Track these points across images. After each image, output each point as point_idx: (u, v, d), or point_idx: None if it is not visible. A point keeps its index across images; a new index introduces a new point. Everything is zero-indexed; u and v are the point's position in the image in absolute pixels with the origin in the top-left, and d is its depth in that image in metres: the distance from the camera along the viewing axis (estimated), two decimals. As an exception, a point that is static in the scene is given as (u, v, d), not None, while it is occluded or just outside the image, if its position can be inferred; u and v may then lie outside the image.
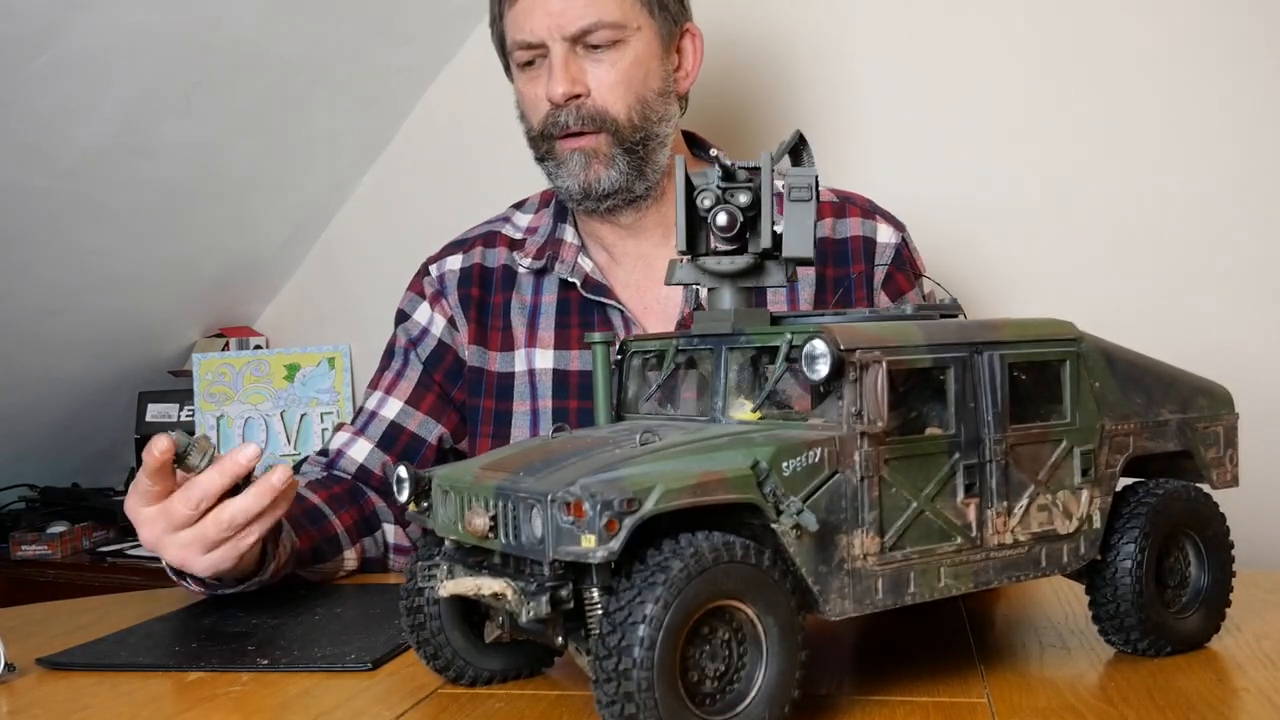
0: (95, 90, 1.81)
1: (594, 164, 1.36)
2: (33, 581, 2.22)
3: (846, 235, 1.43)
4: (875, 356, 0.74)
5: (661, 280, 1.44)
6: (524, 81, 1.40)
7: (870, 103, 1.99)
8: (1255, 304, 1.78)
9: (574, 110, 1.35)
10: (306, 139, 2.22)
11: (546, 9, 1.33)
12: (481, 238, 1.51)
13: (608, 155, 1.36)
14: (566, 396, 1.42)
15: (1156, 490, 0.89)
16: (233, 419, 2.35)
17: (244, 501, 1.07)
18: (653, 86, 1.38)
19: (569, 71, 1.34)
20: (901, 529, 0.76)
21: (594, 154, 1.36)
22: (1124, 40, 1.83)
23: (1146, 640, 0.87)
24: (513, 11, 1.37)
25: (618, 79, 1.35)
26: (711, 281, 0.85)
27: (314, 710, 0.84)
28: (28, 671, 0.98)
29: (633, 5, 1.36)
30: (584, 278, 1.43)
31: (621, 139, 1.36)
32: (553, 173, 1.41)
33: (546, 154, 1.40)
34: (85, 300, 2.19)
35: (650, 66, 1.38)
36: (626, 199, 1.40)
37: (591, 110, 1.35)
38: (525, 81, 1.39)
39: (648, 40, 1.37)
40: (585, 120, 1.35)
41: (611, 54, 1.35)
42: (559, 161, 1.38)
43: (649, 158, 1.39)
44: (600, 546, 0.66)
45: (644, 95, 1.37)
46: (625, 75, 1.35)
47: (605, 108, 1.35)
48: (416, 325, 1.49)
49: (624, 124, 1.36)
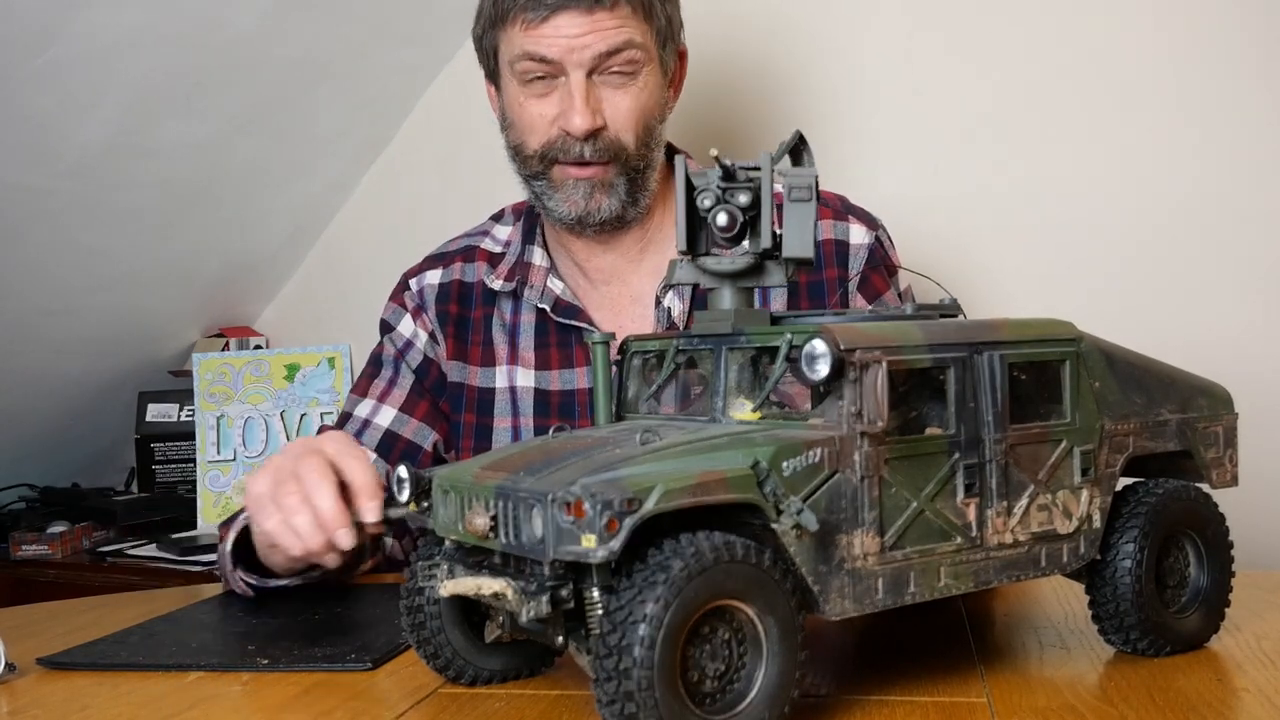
0: (95, 90, 1.81)
1: (597, 193, 1.35)
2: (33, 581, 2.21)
3: (818, 239, 1.40)
4: (875, 356, 0.74)
5: (635, 298, 1.44)
6: (525, 97, 1.34)
7: (870, 103, 1.99)
8: (1255, 303, 1.78)
9: (591, 142, 1.32)
10: (306, 139, 2.22)
11: (572, 30, 1.28)
12: (460, 253, 1.50)
13: (611, 184, 1.35)
14: (548, 415, 1.41)
15: (1156, 490, 0.89)
16: (233, 419, 2.35)
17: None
18: (656, 114, 1.38)
19: (590, 103, 1.30)
20: (901, 529, 0.76)
21: (600, 184, 1.35)
22: (1123, 41, 1.83)
23: (1146, 640, 0.87)
24: (531, 25, 1.30)
25: (631, 110, 1.33)
26: (711, 281, 0.85)
27: (314, 710, 0.84)
28: (28, 671, 0.98)
29: (647, 31, 1.34)
30: (554, 301, 1.42)
31: (627, 168, 1.35)
32: (544, 194, 1.37)
33: (540, 174, 1.36)
34: (85, 300, 2.19)
35: (657, 95, 1.37)
36: (617, 224, 1.39)
37: (606, 143, 1.33)
38: (527, 97, 1.34)
39: (655, 68, 1.36)
40: (599, 152, 1.33)
41: (627, 84, 1.32)
42: (555, 185, 1.36)
43: (645, 184, 1.38)
44: (601, 546, 0.66)
45: (650, 124, 1.36)
46: (640, 106, 1.34)
47: (619, 139, 1.33)
48: (401, 337, 1.48)
49: (632, 154, 1.35)
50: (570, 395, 1.41)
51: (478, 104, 1.47)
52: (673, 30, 1.39)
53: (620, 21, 1.30)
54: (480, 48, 1.41)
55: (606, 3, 1.28)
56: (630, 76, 1.32)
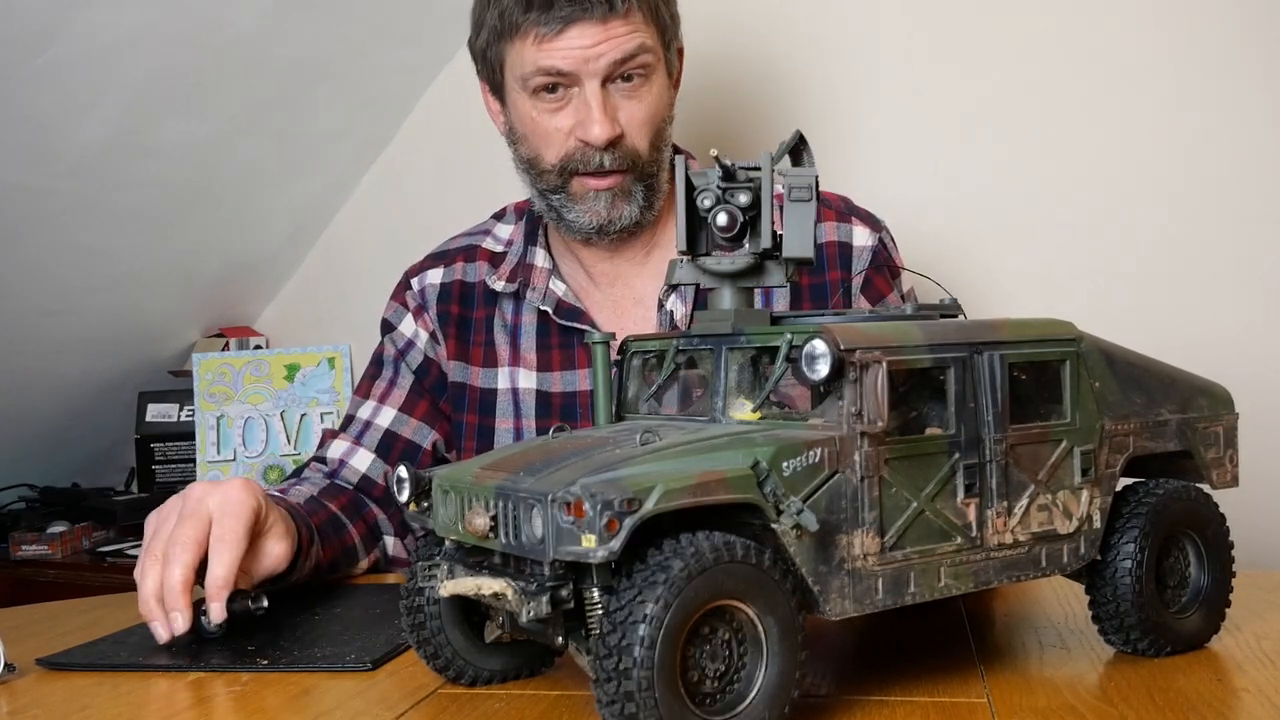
0: (95, 90, 1.81)
1: (618, 202, 1.35)
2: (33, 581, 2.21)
3: (821, 241, 1.40)
4: (875, 356, 0.74)
5: (638, 300, 1.44)
6: (539, 111, 1.33)
7: (870, 103, 1.99)
8: (1255, 303, 1.78)
9: (610, 151, 1.32)
10: (306, 139, 2.22)
11: (586, 41, 1.28)
12: (462, 251, 1.50)
13: (629, 191, 1.35)
14: (550, 416, 1.41)
15: (1156, 490, 0.89)
16: (233, 419, 2.35)
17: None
18: (666, 116, 1.38)
19: (608, 112, 1.30)
20: (901, 529, 0.76)
21: (619, 192, 1.35)
22: (1124, 41, 1.83)
23: (1146, 640, 0.87)
24: (544, 39, 1.28)
25: (645, 115, 1.33)
26: (711, 281, 0.85)
27: (314, 710, 0.84)
28: (28, 671, 0.98)
29: (654, 34, 1.34)
30: (556, 303, 1.42)
31: (643, 174, 1.36)
32: (563, 206, 1.37)
33: (559, 188, 1.36)
34: (85, 300, 2.19)
35: (665, 96, 1.37)
36: (634, 231, 1.39)
37: (624, 150, 1.33)
38: (541, 111, 1.33)
39: (662, 70, 1.36)
40: (618, 160, 1.33)
41: (640, 90, 1.33)
42: (575, 198, 1.35)
43: (658, 187, 1.38)
44: (600, 546, 0.66)
45: (660, 127, 1.37)
46: (652, 111, 1.34)
47: (636, 146, 1.34)
48: (402, 336, 1.48)
49: (646, 159, 1.35)
50: (572, 397, 1.41)
51: (478, 104, 1.47)
52: (674, 29, 1.40)
53: (632, 28, 1.30)
54: (484, 60, 1.38)
55: (620, 10, 1.28)
56: (642, 82, 1.32)
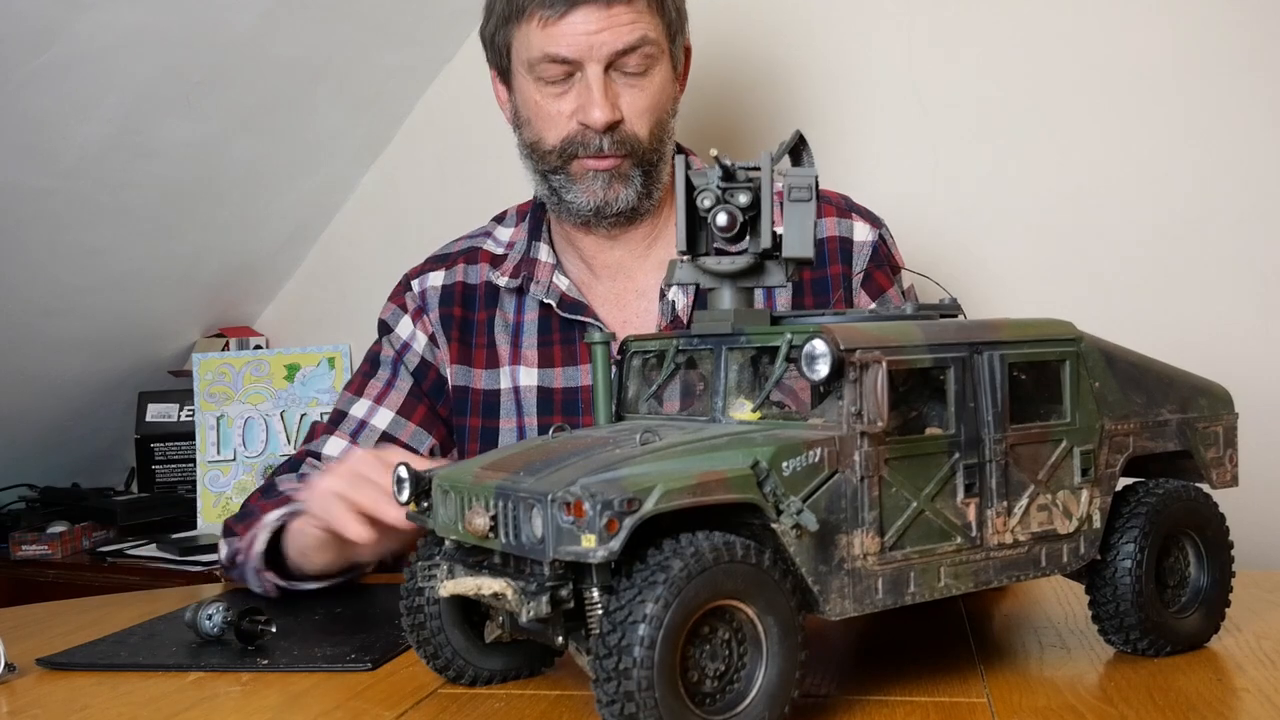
0: (95, 90, 1.81)
1: (615, 184, 1.37)
2: (33, 581, 2.21)
3: (822, 236, 1.42)
4: (875, 356, 0.74)
5: (640, 292, 1.45)
6: (542, 95, 1.36)
7: (870, 103, 1.99)
8: (1255, 304, 1.78)
9: (610, 135, 1.34)
10: (306, 139, 2.22)
11: (590, 26, 1.30)
12: (463, 254, 1.50)
13: (627, 175, 1.37)
14: (551, 413, 1.41)
15: (1156, 490, 0.89)
16: (233, 419, 2.35)
17: None
18: (668, 108, 1.40)
19: (609, 97, 1.33)
20: (901, 529, 0.76)
21: (617, 174, 1.36)
22: (1124, 41, 1.83)
23: (1146, 640, 0.87)
24: (548, 21, 1.31)
25: (647, 104, 1.35)
26: (711, 281, 0.85)
27: (314, 710, 0.84)
28: (28, 671, 0.98)
29: (659, 26, 1.35)
30: (560, 297, 1.42)
31: (642, 160, 1.37)
32: (563, 188, 1.39)
33: (558, 169, 1.38)
34: (85, 300, 2.19)
35: (669, 89, 1.39)
36: (631, 216, 1.40)
37: (623, 136, 1.35)
38: (544, 95, 1.36)
39: (666, 63, 1.38)
40: (617, 145, 1.35)
41: (642, 79, 1.35)
42: (573, 178, 1.38)
43: (658, 176, 1.40)
44: (600, 546, 0.66)
45: (662, 118, 1.38)
46: (654, 100, 1.36)
47: (636, 133, 1.36)
48: (399, 339, 1.48)
49: (647, 147, 1.37)
50: (574, 392, 1.41)
51: (477, 105, 1.47)
52: (681, 24, 1.41)
53: (635, 16, 1.32)
54: (492, 45, 1.42)
55: None
56: (645, 70, 1.34)
